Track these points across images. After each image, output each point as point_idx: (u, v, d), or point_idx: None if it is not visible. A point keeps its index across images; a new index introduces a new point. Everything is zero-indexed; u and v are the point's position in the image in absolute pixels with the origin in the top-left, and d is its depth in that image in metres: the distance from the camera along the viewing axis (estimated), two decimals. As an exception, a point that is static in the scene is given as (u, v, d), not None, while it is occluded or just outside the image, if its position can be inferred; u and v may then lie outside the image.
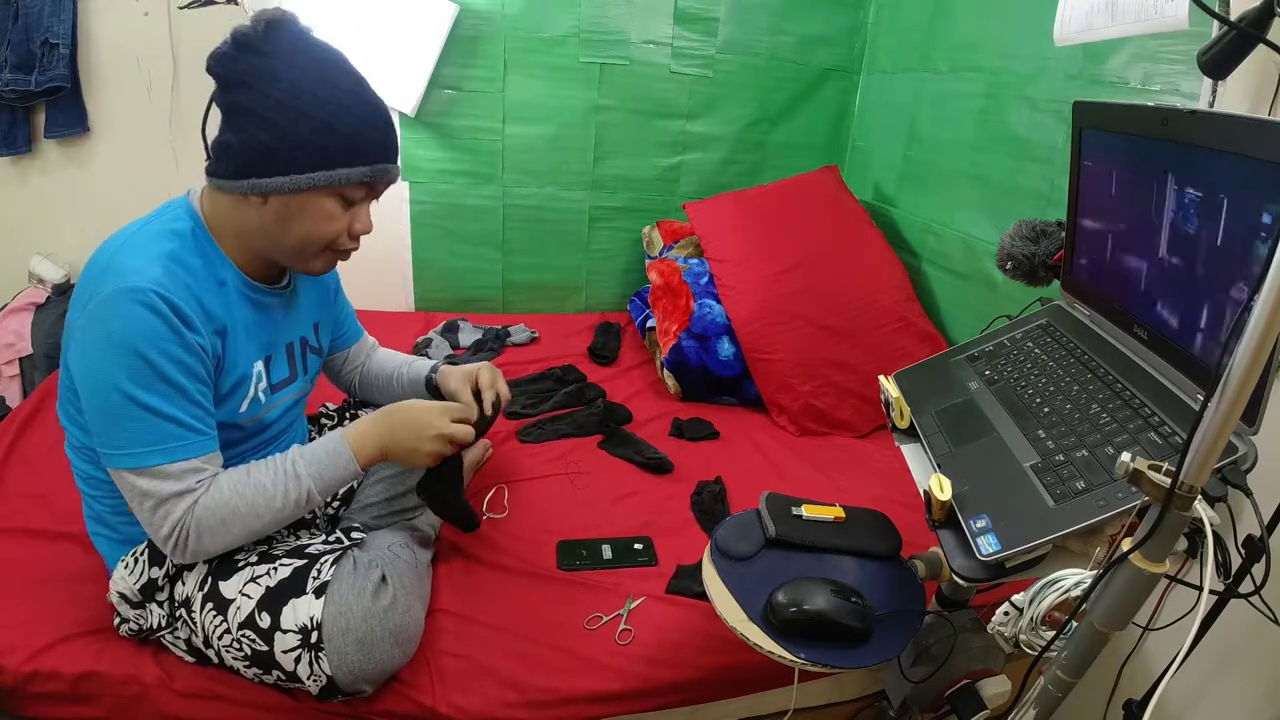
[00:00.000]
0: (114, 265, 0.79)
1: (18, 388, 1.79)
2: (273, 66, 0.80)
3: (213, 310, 0.85)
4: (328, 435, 0.95)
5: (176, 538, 0.82)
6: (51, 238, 1.92)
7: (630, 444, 1.52)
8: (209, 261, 0.87)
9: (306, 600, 0.87)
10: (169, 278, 0.79)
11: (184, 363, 0.80)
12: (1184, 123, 0.72)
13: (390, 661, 0.90)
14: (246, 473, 0.87)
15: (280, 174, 0.81)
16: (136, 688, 0.90)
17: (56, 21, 1.70)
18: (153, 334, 0.77)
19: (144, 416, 0.78)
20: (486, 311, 2.25)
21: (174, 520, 0.81)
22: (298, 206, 0.84)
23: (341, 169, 0.83)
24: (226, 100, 0.82)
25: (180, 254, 0.83)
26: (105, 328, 0.77)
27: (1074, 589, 0.67)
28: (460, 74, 1.99)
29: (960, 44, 1.80)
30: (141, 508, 0.81)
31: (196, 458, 0.82)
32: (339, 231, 0.89)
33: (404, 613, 0.92)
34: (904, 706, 0.94)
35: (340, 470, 0.92)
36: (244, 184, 0.82)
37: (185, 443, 0.81)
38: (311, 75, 0.81)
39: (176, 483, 0.81)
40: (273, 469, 0.89)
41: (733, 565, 0.88)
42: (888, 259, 1.90)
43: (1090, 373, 0.87)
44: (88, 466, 0.90)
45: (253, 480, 0.87)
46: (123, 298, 0.76)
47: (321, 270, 0.94)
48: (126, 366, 0.77)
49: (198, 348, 0.81)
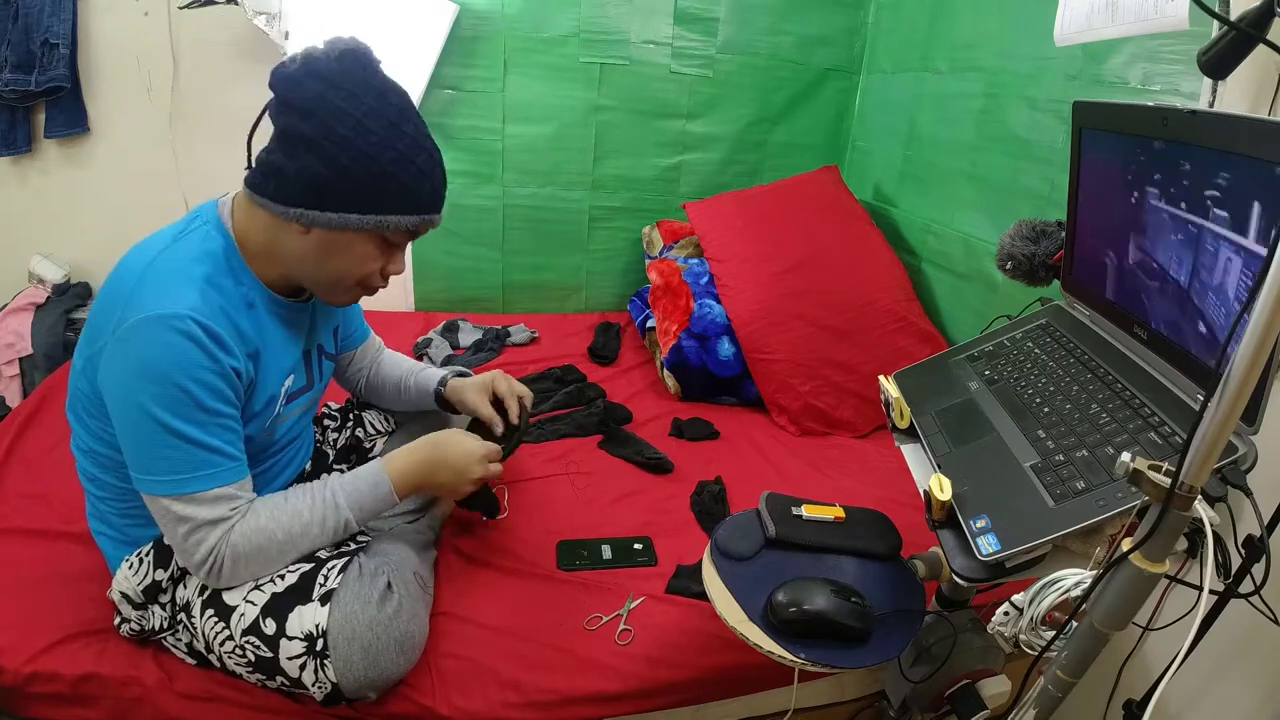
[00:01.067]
0: (146, 288, 0.77)
1: (18, 388, 1.79)
2: (341, 101, 0.78)
3: (246, 333, 0.84)
4: (368, 466, 0.95)
5: (211, 564, 0.82)
6: (51, 238, 1.92)
7: (630, 444, 1.52)
8: (239, 282, 0.85)
9: (312, 607, 0.86)
10: (205, 302, 0.78)
11: (219, 390, 0.79)
12: (1184, 123, 0.72)
13: (395, 669, 0.89)
14: (284, 499, 0.88)
15: (330, 210, 0.80)
16: (137, 689, 0.90)
17: (56, 21, 1.70)
18: (190, 363, 0.76)
19: (180, 445, 0.78)
20: (486, 311, 2.25)
21: (209, 547, 0.81)
22: (341, 244, 0.84)
23: (392, 216, 0.83)
24: (287, 123, 0.80)
25: (214, 276, 0.82)
26: (140, 355, 0.76)
27: (1074, 589, 0.67)
28: (460, 74, 1.99)
29: (960, 44, 1.80)
30: (175, 533, 0.81)
31: (231, 484, 0.82)
32: (374, 271, 0.89)
33: (409, 620, 0.92)
34: (904, 706, 0.94)
35: (379, 502, 0.94)
36: (291, 211, 0.81)
37: (220, 469, 0.81)
38: (379, 118, 0.79)
39: (211, 509, 0.81)
40: (310, 497, 0.89)
41: (733, 565, 0.88)
42: (888, 259, 1.90)
43: (1090, 373, 0.87)
44: (94, 468, 0.89)
45: (290, 508, 0.87)
46: (158, 325, 0.75)
47: (346, 303, 0.94)
48: (163, 396, 0.76)
49: (232, 373, 0.81)
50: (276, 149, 0.81)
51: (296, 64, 0.80)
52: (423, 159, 0.83)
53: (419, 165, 0.83)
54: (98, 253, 1.94)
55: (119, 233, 1.86)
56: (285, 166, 0.80)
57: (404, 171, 0.81)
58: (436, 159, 0.86)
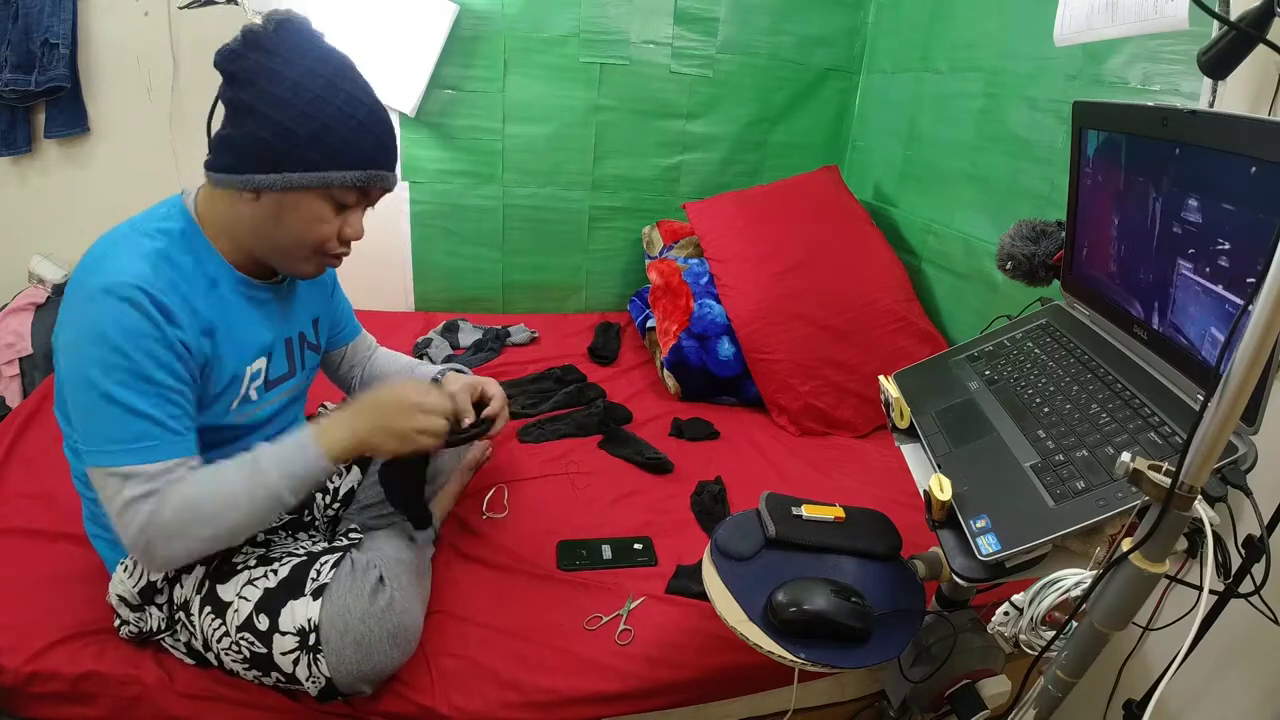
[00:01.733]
0: (101, 262, 0.79)
1: (18, 388, 1.79)
2: (278, 65, 0.80)
3: (200, 309, 0.84)
4: (296, 430, 0.89)
5: (144, 541, 0.78)
6: (51, 238, 1.92)
7: (630, 444, 1.52)
8: (200, 260, 0.86)
9: (304, 602, 0.87)
10: (154, 274, 0.79)
11: (162, 360, 0.79)
12: (1184, 123, 0.72)
13: (389, 662, 0.90)
14: (215, 472, 0.83)
15: (275, 171, 0.81)
16: (137, 688, 0.90)
17: (56, 21, 1.70)
18: (131, 329, 0.76)
19: (120, 414, 0.77)
20: (486, 311, 2.25)
21: (140, 522, 0.77)
22: (290, 205, 0.84)
23: (334, 171, 0.83)
24: (231, 96, 0.82)
25: (169, 251, 0.82)
26: (87, 322, 0.77)
27: (1074, 589, 0.67)
28: (460, 74, 1.99)
29: (960, 44, 1.80)
30: (111, 509, 0.79)
31: (170, 460, 0.79)
32: (329, 235, 0.88)
33: (402, 613, 0.92)
34: (904, 706, 0.94)
35: (309, 463, 0.86)
36: (238, 179, 0.82)
37: (158, 443, 0.79)
38: (315, 77, 0.81)
39: (147, 483, 0.77)
40: (240, 468, 0.84)
41: (733, 565, 0.88)
42: (888, 259, 1.90)
43: (1090, 373, 0.87)
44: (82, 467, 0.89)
45: (220, 479, 0.82)
46: (105, 293, 0.76)
47: (310, 274, 0.93)
48: (103, 361, 0.76)
49: (180, 345, 0.80)
50: (226, 123, 0.83)
51: (237, 40, 0.82)
52: (363, 113, 0.84)
53: (359, 118, 0.83)
54: (98, 253, 1.94)
55: (119, 233, 1.89)
56: (231, 135, 0.82)
57: (342, 125, 0.82)
58: (379, 115, 0.86)
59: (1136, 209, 0.83)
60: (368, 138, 0.85)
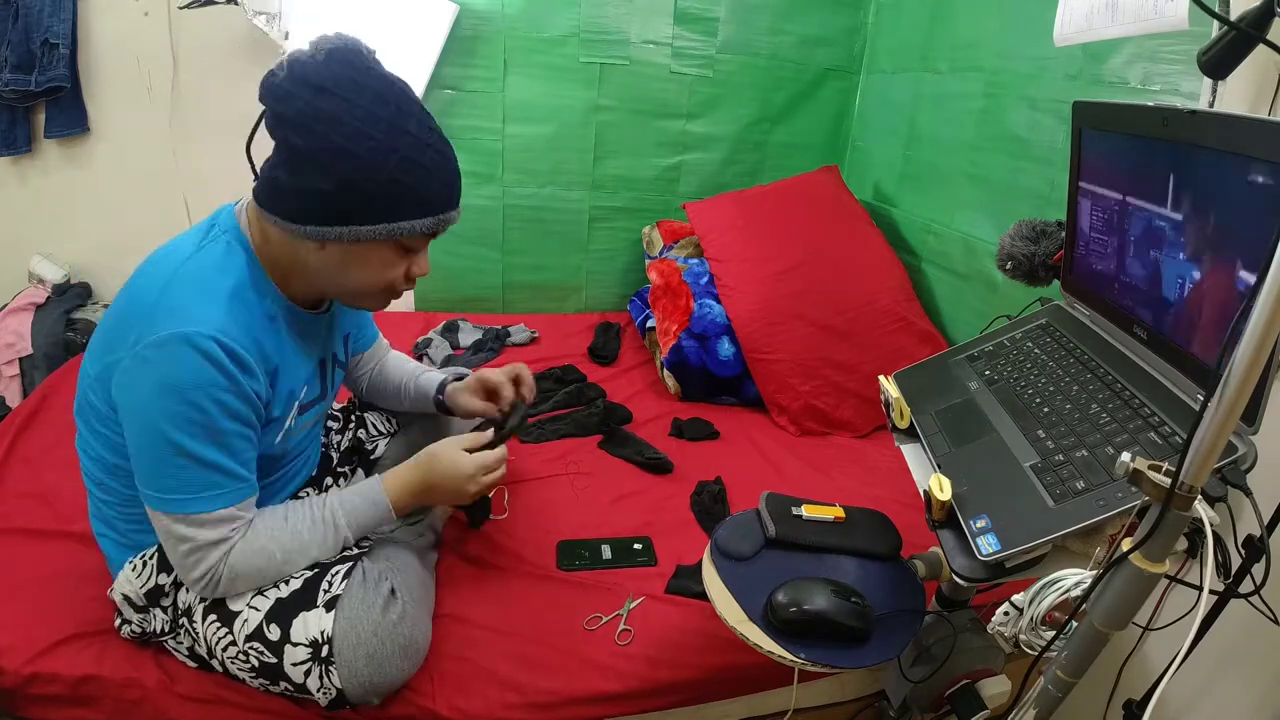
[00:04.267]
0: (169, 301, 0.75)
1: (18, 388, 1.79)
2: (334, 108, 0.74)
3: (268, 350, 0.82)
4: (366, 484, 0.95)
5: (208, 581, 0.82)
6: (51, 238, 1.92)
7: (630, 444, 1.52)
8: (262, 296, 0.84)
9: (317, 614, 0.86)
10: (232, 321, 0.76)
11: (237, 411, 0.78)
12: (1184, 123, 0.72)
13: (400, 675, 0.89)
14: (284, 519, 0.87)
15: (339, 224, 0.77)
16: (138, 691, 0.90)
17: (56, 21, 1.70)
18: (210, 383, 0.75)
19: (190, 465, 0.77)
20: (486, 311, 2.24)
21: (207, 565, 0.81)
22: (357, 255, 0.81)
23: (404, 222, 0.80)
24: (283, 137, 0.76)
25: (240, 291, 0.80)
26: (160, 372, 0.74)
27: (1074, 589, 0.67)
28: (460, 74, 1.99)
29: (960, 44, 1.80)
30: (175, 551, 0.81)
31: (235, 505, 0.81)
32: (398, 277, 0.87)
33: (413, 626, 0.91)
34: (904, 706, 0.94)
35: (378, 520, 0.94)
36: (300, 229, 0.78)
37: (228, 490, 0.80)
38: (375, 119, 0.75)
39: (213, 530, 0.80)
40: (310, 516, 0.89)
41: (733, 565, 0.88)
42: (888, 259, 1.90)
43: (1090, 373, 0.87)
44: (101, 473, 0.88)
45: (290, 527, 0.87)
46: (181, 343, 0.73)
47: (374, 308, 0.93)
48: (179, 416, 0.74)
49: (253, 394, 0.79)
50: (279, 164, 0.78)
51: (284, 72, 0.75)
52: (430, 157, 0.79)
53: (426, 165, 0.79)
54: (98, 253, 1.94)
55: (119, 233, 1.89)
56: (287, 183, 0.77)
57: (410, 175, 0.78)
58: (446, 154, 0.83)
59: (1136, 209, 0.83)
60: (434, 183, 0.81)
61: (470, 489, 0.97)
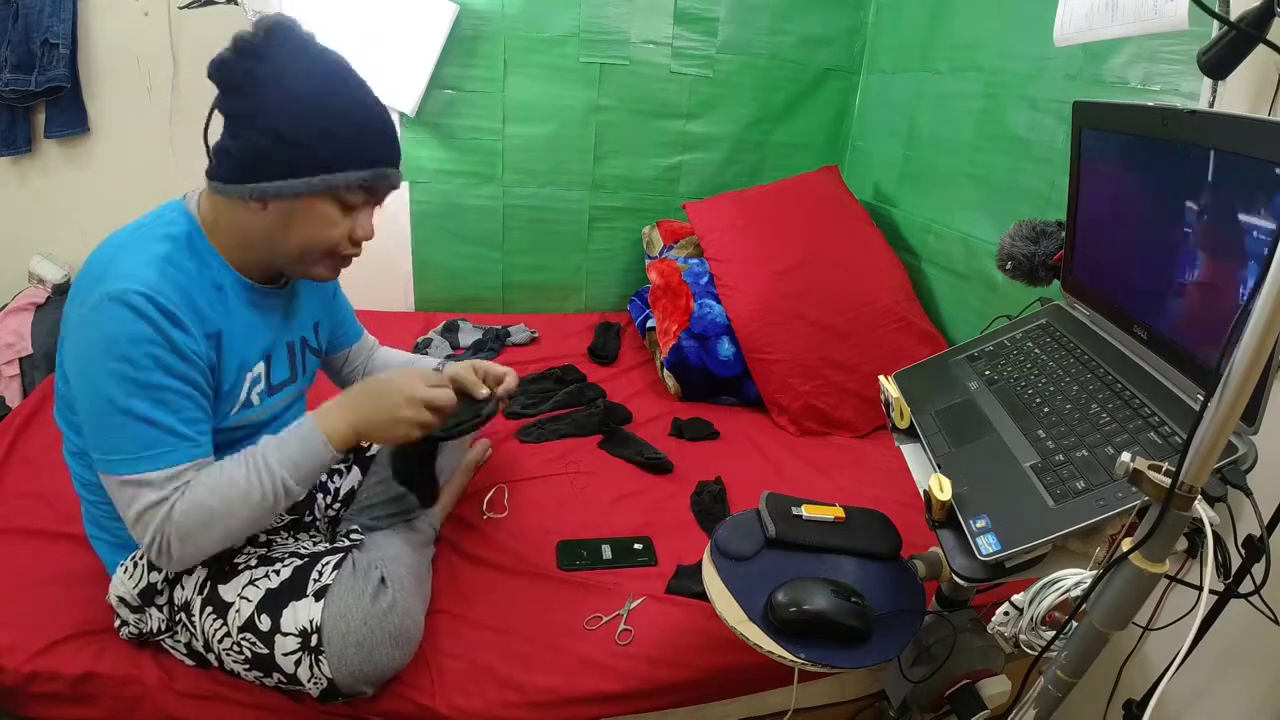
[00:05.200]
0: (106, 269, 0.78)
1: (18, 388, 1.79)
2: (271, 72, 0.79)
3: (206, 314, 0.83)
4: (297, 421, 0.89)
5: (159, 545, 0.80)
6: (51, 238, 1.92)
7: (630, 444, 1.52)
8: (205, 265, 0.85)
9: (306, 603, 0.87)
10: (161, 279, 0.78)
11: (173, 367, 0.79)
12: (1184, 123, 0.72)
13: (390, 663, 0.90)
14: (220, 470, 0.84)
15: (278, 179, 0.81)
16: (137, 688, 0.90)
17: (56, 21, 1.70)
18: (139, 337, 0.76)
19: (130, 423, 0.77)
20: (486, 311, 2.25)
21: (154, 527, 0.79)
22: (297, 211, 0.83)
23: (338, 173, 0.82)
24: (227, 106, 0.82)
25: (174, 256, 0.82)
26: (94, 332, 0.76)
27: (1074, 589, 0.67)
28: (460, 74, 1.99)
29: (960, 44, 1.80)
30: (126, 515, 0.80)
31: (182, 464, 0.80)
32: (340, 237, 0.87)
33: (403, 615, 0.92)
34: (904, 706, 0.94)
35: (314, 455, 0.86)
36: (243, 189, 0.81)
37: (171, 449, 0.79)
38: (310, 80, 0.80)
39: (159, 490, 0.79)
40: (244, 463, 0.85)
41: (733, 565, 0.88)
42: (888, 259, 1.90)
43: (1090, 373, 0.87)
44: (86, 473, 0.89)
45: (225, 477, 0.83)
46: (112, 301, 0.75)
47: (325, 277, 0.93)
48: (114, 372, 0.76)
49: (190, 351, 0.80)
50: (224, 135, 0.83)
51: (228, 49, 0.81)
52: (359, 112, 0.83)
53: (356, 118, 0.83)
54: (98, 253, 1.94)
55: (119, 233, 1.89)
56: (230, 146, 0.81)
57: (342, 126, 0.81)
58: (378, 111, 0.86)
59: (1136, 209, 0.83)
60: (369, 136, 0.84)
61: (404, 413, 0.88)
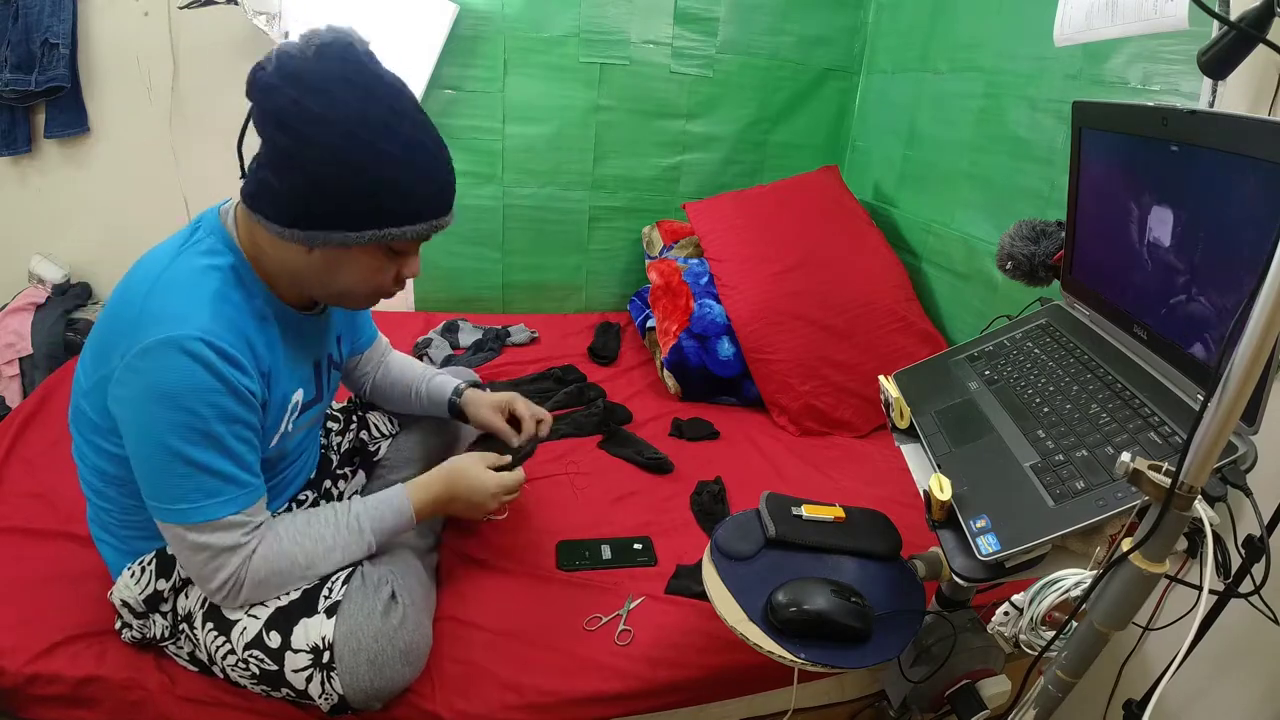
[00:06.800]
0: (155, 307, 0.74)
1: (18, 388, 1.79)
2: (323, 108, 0.70)
3: (259, 350, 0.81)
4: (390, 491, 0.96)
5: (230, 589, 0.81)
6: (51, 238, 1.92)
7: (630, 444, 1.52)
8: (251, 296, 0.82)
9: (318, 620, 0.86)
10: (215, 320, 0.74)
11: (233, 413, 0.76)
12: (1184, 123, 0.72)
13: (401, 680, 0.89)
14: (307, 522, 0.87)
15: (326, 229, 0.75)
16: (139, 692, 0.90)
17: (56, 21, 1.70)
18: (202, 387, 0.73)
19: (192, 473, 0.75)
20: (486, 311, 2.24)
21: (228, 572, 0.80)
22: (345, 259, 0.80)
23: (394, 228, 0.77)
24: (268, 135, 0.74)
25: (225, 291, 0.78)
26: (150, 380, 0.72)
27: (1074, 589, 0.67)
28: (460, 74, 1.99)
29: (960, 44, 1.80)
30: (192, 561, 0.80)
31: (245, 509, 0.80)
32: (387, 281, 0.85)
33: (414, 630, 0.91)
34: (904, 706, 0.94)
35: (401, 527, 0.96)
36: (288, 232, 0.76)
37: (233, 496, 0.79)
38: (365, 120, 0.72)
39: (227, 535, 0.79)
40: (334, 522, 0.88)
41: (733, 565, 0.88)
42: (888, 259, 1.90)
43: (1090, 373, 0.87)
44: (99, 482, 0.87)
45: (312, 532, 0.86)
46: (168, 348, 0.71)
47: (363, 308, 0.92)
48: (175, 423, 0.73)
49: (248, 394, 0.77)
50: (265, 163, 0.75)
51: (271, 66, 0.72)
52: (422, 158, 0.77)
53: (417, 168, 0.77)
54: (98, 253, 1.94)
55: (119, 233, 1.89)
56: (274, 184, 0.74)
57: (401, 178, 0.75)
58: (440, 157, 0.80)
59: (1136, 209, 0.83)
60: (427, 187, 0.79)
61: (490, 505, 1.01)
